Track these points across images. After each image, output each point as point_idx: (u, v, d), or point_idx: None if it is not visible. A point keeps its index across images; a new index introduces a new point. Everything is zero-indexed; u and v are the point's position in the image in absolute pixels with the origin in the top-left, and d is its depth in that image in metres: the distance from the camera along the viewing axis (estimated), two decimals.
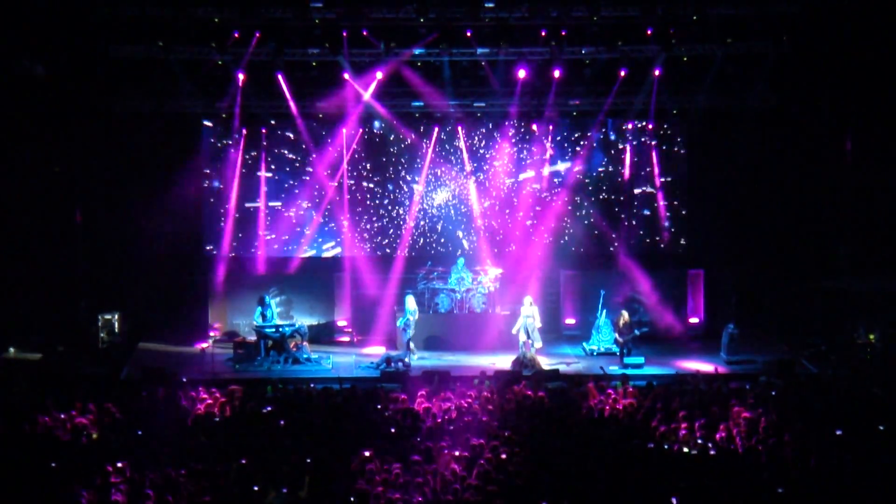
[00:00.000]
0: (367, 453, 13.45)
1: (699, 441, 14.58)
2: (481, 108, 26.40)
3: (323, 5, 22.69)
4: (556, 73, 24.54)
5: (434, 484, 12.47)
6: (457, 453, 13.69)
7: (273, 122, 26.30)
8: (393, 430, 15.10)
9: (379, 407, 16.81)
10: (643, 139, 26.96)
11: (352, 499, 11.89)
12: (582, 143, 27.09)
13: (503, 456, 13.51)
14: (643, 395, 17.43)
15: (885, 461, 13.37)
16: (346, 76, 24.79)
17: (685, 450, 14.22)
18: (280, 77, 24.81)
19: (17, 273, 24.19)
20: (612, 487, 12.36)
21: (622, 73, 24.78)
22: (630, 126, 26.77)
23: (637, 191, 27.14)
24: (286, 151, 26.74)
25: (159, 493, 12.02)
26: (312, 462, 13.29)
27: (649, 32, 23.51)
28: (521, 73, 24.61)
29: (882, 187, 24.50)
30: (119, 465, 13.10)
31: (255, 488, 12.32)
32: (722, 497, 12.15)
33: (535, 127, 26.74)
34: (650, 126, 26.65)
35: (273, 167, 26.74)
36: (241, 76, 24.41)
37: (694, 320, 25.42)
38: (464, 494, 12.11)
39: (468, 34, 23.50)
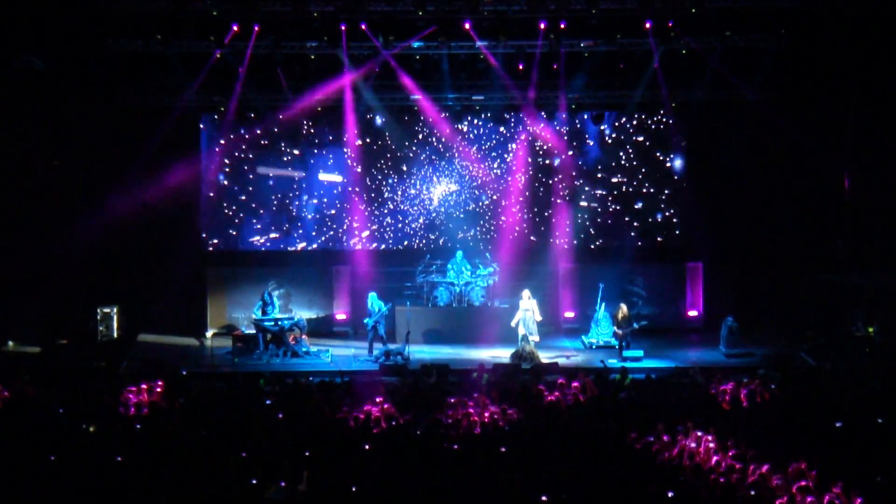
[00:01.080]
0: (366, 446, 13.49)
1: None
2: (480, 102, 26.36)
3: None
4: (555, 66, 24.52)
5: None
6: (455, 447, 13.72)
7: (272, 115, 26.26)
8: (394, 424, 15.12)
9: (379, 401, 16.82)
10: (642, 132, 26.95)
11: (353, 489, 11.92)
12: (581, 135, 27.10)
13: (502, 450, 13.54)
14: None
15: (884, 454, 13.41)
16: (345, 70, 24.77)
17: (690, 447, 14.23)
18: (279, 71, 24.77)
19: (16, 267, 24.20)
20: (611, 483, 12.38)
21: (621, 67, 24.75)
22: (629, 119, 26.74)
23: (635, 184, 27.13)
24: (285, 145, 26.73)
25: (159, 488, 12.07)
26: (311, 456, 13.32)
27: (648, 26, 23.49)
28: (520, 67, 24.59)
29: (880, 180, 24.50)
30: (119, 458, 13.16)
31: (254, 482, 12.34)
32: (717, 493, 12.18)
33: (533, 120, 26.73)
34: (649, 119, 26.65)
35: (272, 160, 26.73)
36: (240, 70, 24.39)
37: (693, 313, 25.48)
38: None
39: (467, 27, 23.48)
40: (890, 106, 23.95)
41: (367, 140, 26.83)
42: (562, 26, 23.49)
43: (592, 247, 26.87)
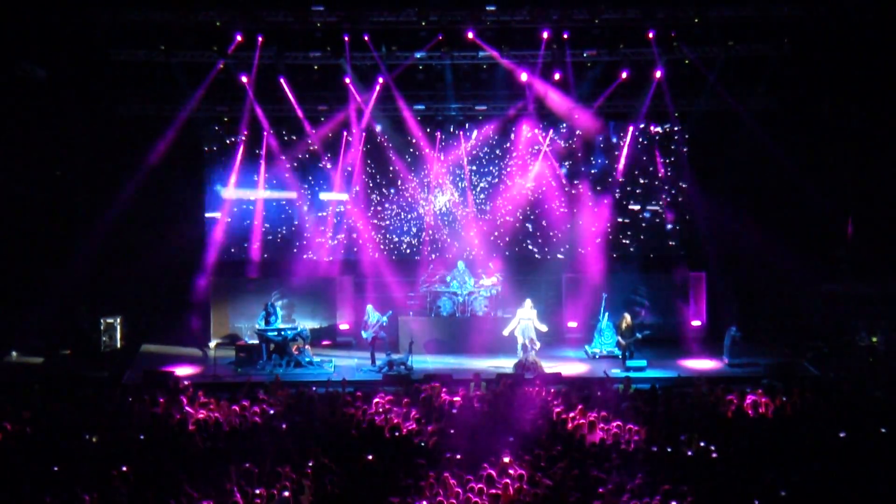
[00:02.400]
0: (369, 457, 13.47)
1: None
2: (483, 111, 26.40)
3: (324, 9, 22.71)
4: (558, 76, 24.55)
5: (437, 488, 12.46)
6: (458, 456, 13.68)
7: (275, 125, 26.29)
8: (396, 434, 15.08)
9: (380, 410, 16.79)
10: (644, 141, 26.97)
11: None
12: (583, 145, 27.10)
13: (505, 460, 13.52)
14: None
15: (887, 463, 13.38)
16: (348, 80, 24.79)
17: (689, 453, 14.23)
18: (282, 80, 24.81)
19: (18, 277, 24.20)
20: (614, 491, 12.36)
21: (623, 76, 24.79)
22: (631, 128, 26.76)
23: (638, 193, 27.13)
24: (288, 155, 26.74)
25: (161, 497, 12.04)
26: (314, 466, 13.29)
27: (651, 35, 23.52)
28: (524, 76, 24.63)
29: (883, 189, 24.50)
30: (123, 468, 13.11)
31: (257, 491, 12.31)
32: (724, 499, 12.15)
33: (536, 130, 26.76)
34: (652, 128, 26.68)
35: (274, 170, 26.74)
36: (243, 79, 24.43)
37: (696, 323, 25.41)
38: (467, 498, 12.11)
39: (469, 37, 23.51)
40: (891, 114, 23.95)
41: (371, 149, 26.85)
42: (565, 36, 23.54)
43: (596, 256, 26.83)
